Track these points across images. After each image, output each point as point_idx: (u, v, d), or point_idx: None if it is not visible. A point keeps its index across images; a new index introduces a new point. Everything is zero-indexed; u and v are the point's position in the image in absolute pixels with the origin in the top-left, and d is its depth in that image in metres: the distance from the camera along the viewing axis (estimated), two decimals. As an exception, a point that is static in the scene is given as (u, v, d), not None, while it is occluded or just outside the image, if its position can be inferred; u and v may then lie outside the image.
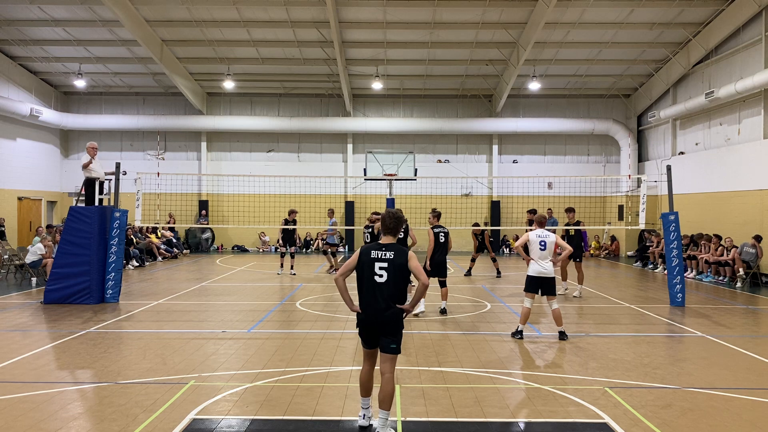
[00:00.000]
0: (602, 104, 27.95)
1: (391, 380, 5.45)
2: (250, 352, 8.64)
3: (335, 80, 25.82)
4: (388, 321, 5.50)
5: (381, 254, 5.55)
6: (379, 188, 25.23)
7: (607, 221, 27.18)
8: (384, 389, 5.43)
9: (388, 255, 5.53)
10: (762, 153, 18.20)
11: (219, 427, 5.76)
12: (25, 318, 11.22)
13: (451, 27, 21.51)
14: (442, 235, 11.61)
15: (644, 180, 15.06)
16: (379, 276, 5.50)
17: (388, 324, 5.50)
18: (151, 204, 21.07)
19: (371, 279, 5.51)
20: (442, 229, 11.67)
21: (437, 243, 11.58)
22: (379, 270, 5.50)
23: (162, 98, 28.10)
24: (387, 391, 5.41)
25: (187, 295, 14.11)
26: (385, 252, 5.55)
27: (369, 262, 5.55)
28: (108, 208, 13.36)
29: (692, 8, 19.83)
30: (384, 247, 5.60)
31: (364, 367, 5.71)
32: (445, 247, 11.69)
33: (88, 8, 20.29)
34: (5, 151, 23.93)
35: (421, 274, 5.49)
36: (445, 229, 11.73)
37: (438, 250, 11.58)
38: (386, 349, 5.53)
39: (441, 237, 11.60)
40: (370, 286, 5.52)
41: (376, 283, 5.50)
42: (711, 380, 7.40)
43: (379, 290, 5.49)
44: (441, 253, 11.62)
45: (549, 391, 6.88)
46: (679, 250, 13.11)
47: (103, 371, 7.59)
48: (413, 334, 9.92)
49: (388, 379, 5.45)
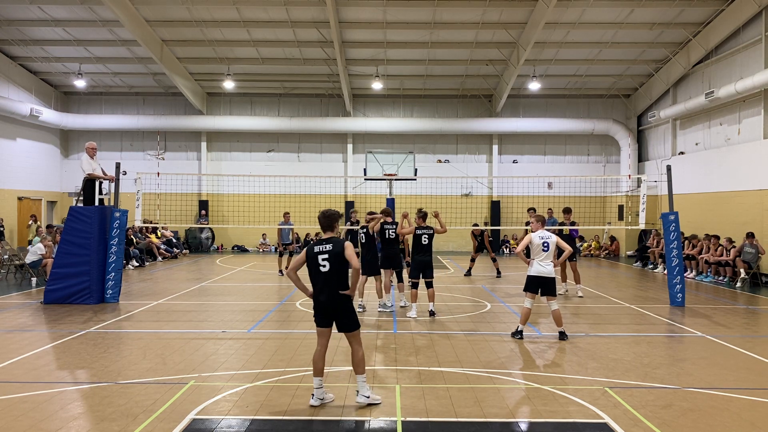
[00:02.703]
0: (602, 104, 27.96)
1: (358, 350, 6.46)
2: (250, 352, 8.64)
3: (335, 80, 25.82)
4: (337, 305, 6.41)
5: (322, 248, 6.42)
6: (379, 188, 25.23)
7: (607, 221, 27.18)
8: (354, 359, 6.45)
9: (328, 247, 6.40)
10: (762, 153, 18.20)
11: (219, 427, 5.76)
12: (25, 318, 11.22)
13: (451, 27, 21.51)
14: (426, 237, 11.43)
15: (644, 180, 15.06)
16: (322, 266, 6.38)
17: (338, 307, 6.42)
18: (151, 204, 21.06)
19: (317, 270, 6.40)
20: (427, 231, 11.49)
21: (420, 244, 11.42)
22: (322, 261, 6.38)
23: (162, 98, 28.10)
24: (357, 359, 6.43)
25: (187, 295, 14.11)
26: (325, 245, 6.43)
27: (313, 256, 6.41)
28: (108, 208, 13.36)
29: (692, 8, 19.83)
30: (324, 241, 6.47)
31: (318, 348, 6.51)
32: (429, 248, 11.53)
33: (88, 8, 20.29)
34: (5, 151, 23.94)
35: (352, 259, 6.36)
36: (431, 230, 11.55)
37: (421, 251, 11.44)
38: (344, 328, 6.47)
39: (424, 239, 11.42)
40: (318, 276, 6.42)
41: (321, 273, 6.39)
42: (711, 380, 7.40)
43: (325, 278, 6.38)
44: (426, 254, 11.48)
45: (549, 391, 6.88)
46: (679, 250, 13.11)
47: (103, 371, 7.59)
48: (413, 334, 9.93)
49: (355, 350, 6.48)
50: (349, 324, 6.44)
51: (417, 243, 11.48)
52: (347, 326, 6.46)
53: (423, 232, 11.47)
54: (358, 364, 6.42)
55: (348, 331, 6.46)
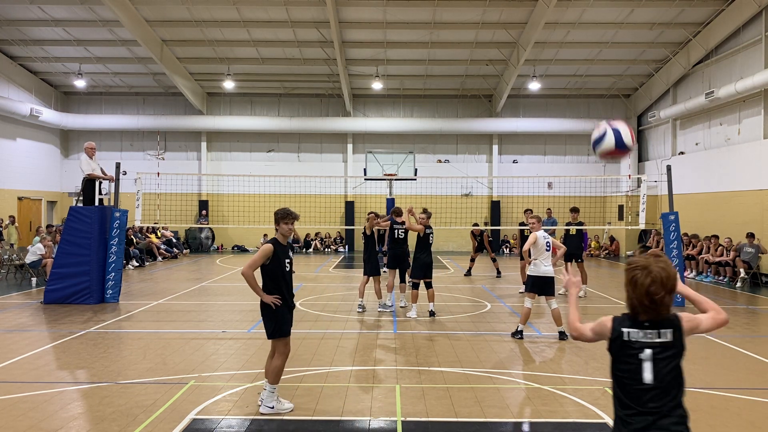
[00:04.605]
0: (602, 104, 27.95)
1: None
2: (250, 352, 8.64)
3: (335, 80, 25.82)
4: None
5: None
6: (379, 188, 25.23)
7: (607, 221, 27.19)
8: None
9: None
10: (762, 153, 18.20)
11: (219, 427, 5.76)
12: (25, 318, 11.22)
13: (451, 27, 21.51)
14: (431, 237, 11.43)
15: (644, 180, 15.06)
16: (287, 266, 6.15)
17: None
18: (151, 204, 21.06)
19: (284, 269, 6.10)
20: (431, 230, 11.46)
21: (426, 244, 11.39)
22: (286, 263, 6.14)
23: (162, 98, 28.10)
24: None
25: (187, 295, 14.11)
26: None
27: (283, 255, 6.10)
28: (108, 208, 13.36)
29: (692, 8, 19.83)
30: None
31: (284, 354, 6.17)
32: (430, 248, 11.56)
33: (88, 8, 20.29)
34: (5, 151, 23.93)
35: None
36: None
37: (425, 251, 11.39)
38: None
39: (431, 239, 11.42)
40: (286, 276, 6.13)
41: (287, 273, 6.16)
42: (711, 380, 7.40)
43: (290, 279, 6.23)
44: (429, 254, 11.46)
45: (549, 391, 6.88)
46: (679, 250, 13.12)
47: (103, 371, 7.59)
48: (413, 334, 9.93)
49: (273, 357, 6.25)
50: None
51: (423, 243, 11.41)
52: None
53: (430, 231, 11.49)
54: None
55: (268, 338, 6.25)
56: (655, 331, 3.05)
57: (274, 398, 6.08)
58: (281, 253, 6.08)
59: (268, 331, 6.13)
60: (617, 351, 3.13)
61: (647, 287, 3.01)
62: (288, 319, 6.17)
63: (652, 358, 3.02)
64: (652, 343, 3.04)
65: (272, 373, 6.06)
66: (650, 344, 3.04)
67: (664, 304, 3.05)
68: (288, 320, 6.17)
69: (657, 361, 3.01)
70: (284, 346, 6.15)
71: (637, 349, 3.05)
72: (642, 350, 3.04)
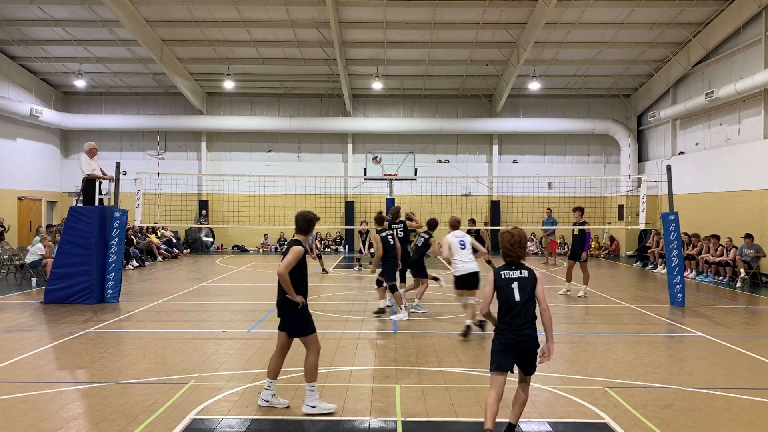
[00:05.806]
0: (602, 104, 27.95)
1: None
2: (250, 352, 8.64)
3: (335, 80, 25.82)
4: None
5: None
6: (379, 188, 25.23)
7: (607, 221, 27.18)
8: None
9: None
10: (762, 153, 18.20)
11: (219, 427, 5.76)
12: (25, 318, 11.22)
13: (451, 27, 21.51)
14: (391, 238, 11.60)
15: (644, 180, 15.05)
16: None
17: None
18: (151, 204, 21.06)
19: (306, 270, 6.40)
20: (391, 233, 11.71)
21: (425, 246, 12.07)
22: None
23: (162, 98, 28.10)
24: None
25: (187, 295, 14.11)
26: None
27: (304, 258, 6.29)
28: (108, 208, 13.36)
29: (692, 8, 19.83)
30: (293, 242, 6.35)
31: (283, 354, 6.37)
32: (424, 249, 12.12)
33: (88, 8, 20.29)
34: (5, 151, 23.92)
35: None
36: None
37: (423, 253, 12.14)
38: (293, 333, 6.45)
39: (390, 240, 11.55)
40: (306, 276, 6.42)
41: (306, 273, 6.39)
42: (711, 380, 7.40)
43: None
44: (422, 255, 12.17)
45: (549, 391, 6.88)
46: (679, 250, 13.11)
47: (103, 371, 7.59)
48: (413, 334, 9.93)
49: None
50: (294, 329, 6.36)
51: (423, 246, 12.17)
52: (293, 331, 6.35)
53: (386, 234, 11.71)
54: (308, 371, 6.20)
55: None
56: (518, 270, 5.32)
57: (316, 397, 6.11)
58: (304, 255, 6.32)
59: (301, 330, 6.24)
60: (499, 285, 5.32)
61: (510, 242, 5.31)
62: (311, 316, 6.41)
63: (518, 286, 5.26)
64: (518, 277, 5.28)
65: (310, 372, 6.15)
66: (517, 278, 5.29)
67: (520, 254, 5.31)
68: (312, 317, 6.41)
69: (521, 288, 5.25)
70: (317, 342, 6.29)
71: (509, 281, 5.28)
72: (513, 281, 5.27)
